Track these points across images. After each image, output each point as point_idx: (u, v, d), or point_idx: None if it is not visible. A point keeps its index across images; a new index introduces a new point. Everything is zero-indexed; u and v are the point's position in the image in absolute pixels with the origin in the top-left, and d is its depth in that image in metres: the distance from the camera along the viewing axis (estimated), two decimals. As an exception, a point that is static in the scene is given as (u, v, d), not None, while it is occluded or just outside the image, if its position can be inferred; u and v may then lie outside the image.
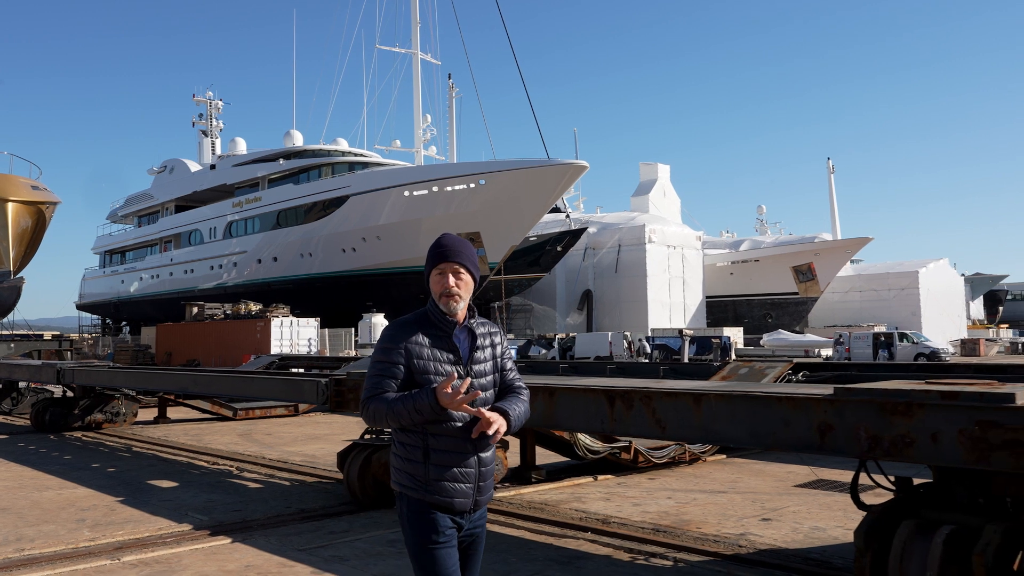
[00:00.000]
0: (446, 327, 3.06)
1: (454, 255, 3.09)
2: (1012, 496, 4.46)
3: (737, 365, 12.23)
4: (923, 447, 4.41)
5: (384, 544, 6.27)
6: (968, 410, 4.24)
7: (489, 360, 3.14)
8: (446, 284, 3.05)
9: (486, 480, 3.05)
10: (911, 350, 38.48)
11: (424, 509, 2.96)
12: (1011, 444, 4.09)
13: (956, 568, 4.13)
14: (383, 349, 3.03)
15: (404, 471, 3.01)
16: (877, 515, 4.61)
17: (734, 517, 7.09)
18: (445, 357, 3.02)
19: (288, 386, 9.31)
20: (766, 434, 5.12)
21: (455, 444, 2.96)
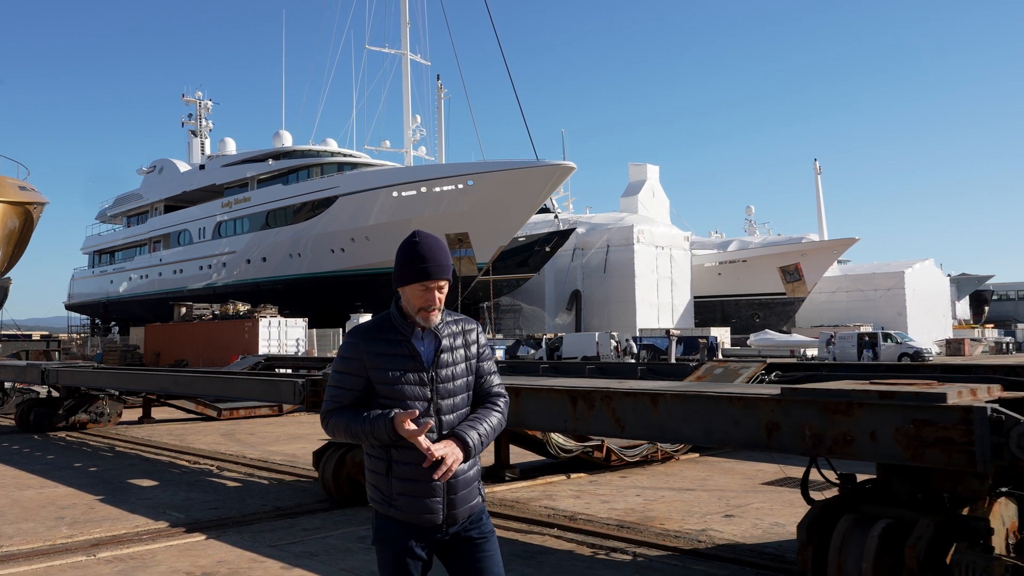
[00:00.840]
0: (406, 330, 2.88)
1: (440, 271, 2.88)
2: (949, 492, 4.68)
3: (712, 365, 12.41)
4: (863, 445, 4.61)
5: (354, 540, 6.44)
6: (904, 409, 4.44)
7: (460, 363, 2.93)
8: (430, 299, 2.86)
9: (459, 491, 2.83)
10: (895, 350, 38.81)
11: (390, 525, 2.83)
12: (943, 442, 4.28)
13: (890, 560, 4.33)
14: (341, 358, 2.91)
15: (371, 484, 2.89)
16: (819, 510, 4.80)
17: (698, 514, 7.28)
18: (405, 364, 2.84)
19: (266, 386, 9.47)
20: (718, 432, 5.32)
21: (419, 456, 2.74)
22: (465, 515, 2.86)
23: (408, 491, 2.77)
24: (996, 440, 4.10)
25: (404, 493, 2.77)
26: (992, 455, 4.12)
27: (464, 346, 2.95)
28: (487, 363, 3.04)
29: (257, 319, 36.75)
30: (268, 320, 36.70)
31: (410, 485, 2.77)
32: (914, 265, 61.61)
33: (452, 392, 2.88)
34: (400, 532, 2.81)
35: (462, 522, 2.87)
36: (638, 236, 54.70)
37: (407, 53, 56.91)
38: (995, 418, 4.12)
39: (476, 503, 2.92)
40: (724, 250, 66.91)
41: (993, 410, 4.16)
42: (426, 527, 2.82)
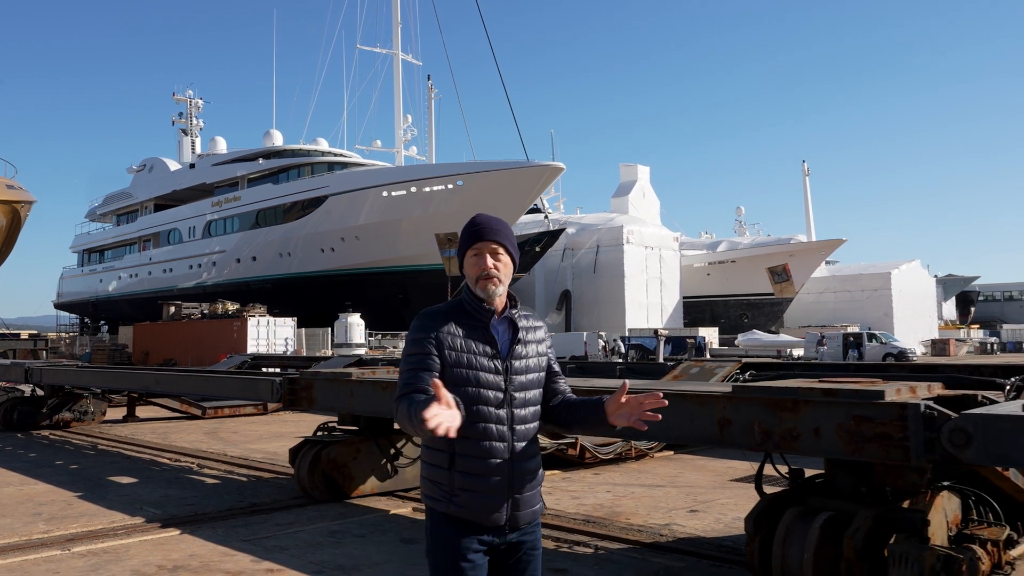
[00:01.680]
0: (483, 316, 2.69)
1: (491, 233, 2.72)
2: (891, 486, 4.86)
3: (689, 365, 12.60)
4: (807, 440, 4.79)
5: (325, 535, 6.59)
6: (845, 406, 4.62)
7: (533, 356, 2.78)
8: (483, 266, 2.68)
9: (524, 491, 2.66)
10: (879, 350, 39.14)
11: (448, 524, 2.63)
12: (881, 437, 4.46)
13: (831, 550, 4.51)
14: (413, 340, 2.67)
15: (429, 480, 2.69)
16: (766, 503, 4.99)
17: (664, 509, 7.46)
18: (481, 349, 2.66)
19: (244, 385, 9.61)
20: (675, 429, 5.49)
21: (486, 449, 2.61)
22: (527, 519, 2.70)
23: (472, 486, 2.60)
24: (928, 435, 4.28)
25: (468, 488, 2.60)
26: (925, 450, 4.30)
27: (537, 342, 2.81)
28: (556, 364, 2.93)
29: (246, 318, 36.81)
30: (257, 319, 36.77)
31: (475, 480, 2.60)
32: (901, 266, 62.13)
33: (526, 385, 2.73)
34: (459, 532, 2.62)
35: (522, 528, 2.69)
36: (628, 236, 54.98)
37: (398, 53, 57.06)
38: (928, 414, 4.30)
39: (538, 508, 2.75)
40: (713, 251, 67.31)
41: (926, 407, 4.34)
42: (488, 528, 2.62)
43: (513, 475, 2.63)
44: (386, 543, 6.33)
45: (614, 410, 2.66)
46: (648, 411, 2.63)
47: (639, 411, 2.63)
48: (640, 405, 2.63)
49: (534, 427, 2.75)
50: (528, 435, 2.71)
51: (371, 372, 8.21)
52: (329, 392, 8.14)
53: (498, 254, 2.72)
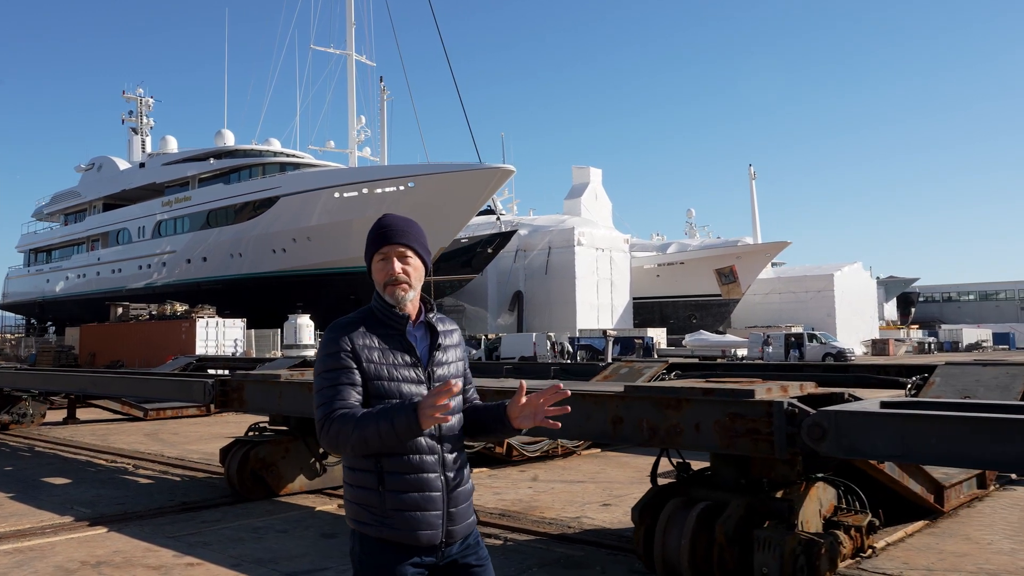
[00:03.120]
0: (397, 323, 2.56)
1: (399, 235, 2.60)
2: (766, 477, 5.28)
3: (619, 365, 13.05)
4: (689, 436, 5.19)
5: (249, 531, 6.84)
6: (721, 404, 5.02)
7: (453, 362, 2.65)
8: (390, 271, 2.56)
9: (459, 504, 2.54)
10: (820, 350, 40.21)
11: (380, 550, 2.45)
12: (751, 432, 4.87)
13: (705, 537, 4.91)
14: (329, 355, 2.51)
15: (356, 502, 2.51)
16: (652, 495, 5.38)
17: (579, 503, 7.84)
18: (401, 359, 2.53)
19: (178, 386, 9.80)
20: (574, 427, 5.84)
21: (416, 463, 2.47)
22: (464, 533, 2.57)
23: (406, 505, 2.44)
24: (791, 430, 4.69)
25: (401, 508, 2.44)
26: (787, 443, 4.71)
27: (454, 346, 2.70)
28: (468, 370, 2.80)
29: (194, 319, 36.65)
30: (206, 320, 36.62)
31: (408, 498, 2.45)
32: (843, 268, 63.80)
33: None
34: (392, 557, 2.45)
35: (459, 543, 2.56)
36: (579, 238, 55.67)
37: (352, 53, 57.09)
38: (790, 411, 4.72)
39: (472, 520, 2.63)
40: (663, 252, 68.40)
41: (789, 404, 4.76)
42: (424, 547, 2.48)
43: (448, 488, 2.51)
44: (307, 538, 6.61)
45: (516, 413, 2.54)
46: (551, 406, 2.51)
47: (542, 410, 2.50)
48: (541, 404, 2.50)
49: (461, 436, 2.64)
50: (458, 445, 2.60)
51: (300, 374, 8.47)
52: (259, 393, 8.39)
53: (406, 257, 2.60)
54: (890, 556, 5.76)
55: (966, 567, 5.46)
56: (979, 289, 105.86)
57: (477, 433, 2.70)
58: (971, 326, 78.36)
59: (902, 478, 6.37)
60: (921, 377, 9.77)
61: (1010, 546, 5.97)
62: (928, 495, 6.84)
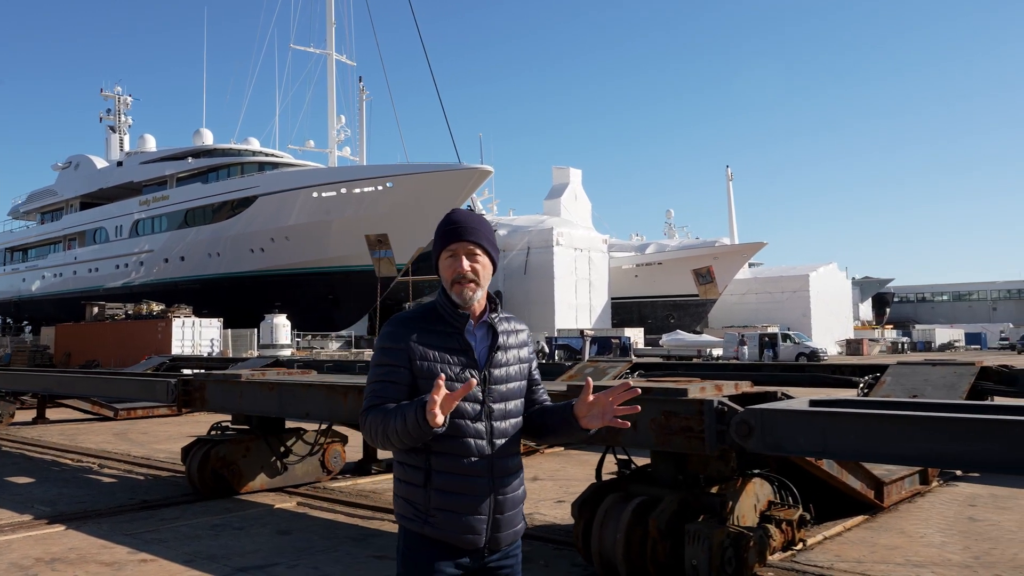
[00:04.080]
0: (457, 322, 2.50)
1: (469, 233, 2.53)
2: (703, 473, 5.46)
3: (584, 365, 13.27)
4: (628, 433, 5.35)
5: (206, 528, 6.96)
6: (657, 403, 5.20)
7: (514, 364, 2.56)
8: (459, 268, 2.48)
9: (506, 512, 2.48)
10: (793, 350, 40.64)
11: (422, 546, 2.45)
12: (685, 430, 5.05)
13: (640, 530, 5.08)
14: (382, 350, 2.52)
15: (403, 498, 2.51)
16: (592, 491, 5.55)
17: (533, 500, 8.00)
18: (456, 359, 2.46)
19: (142, 386, 9.89)
20: (521, 425, 6.02)
21: (464, 465, 2.43)
22: (508, 540, 2.51)
23: (450, 505, 2.41)
24: (720, 428, 4.88)
25: (444, 508, 2.41)
26: (717, 440, 4.90)
27: (518, 347, 2.61)
28: (537, 371, 2.71)
29: (171, 319, 36.55)
30: (182, 320, 36.54)
31: (452, 499, 2.41)
32: (818, 269, 64.47)
33: (506, 396, 2.53)
34: (434, 554, 2.44)
35: (503, 549, 2.51)
36: (557, 239, 55.92)
37: (332, 53, 57.11)
38: (720, 409, 4.91)
39: (520, 528, 2.57)
40: (641, 253, 68.80)
41: (719, 403, 4.94)
42: (465, 550, 2.45)
43: (495, 493, 2.45)
44: (262, 535, 6.73)
45: (584, 412, 2.45)
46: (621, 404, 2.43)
47: (611, 408, 2.42)
48: (611, 402, 2.43)
49: (517, 441, 2.56)
50: (509, 450, 2.51)
51: (261, 374, 8.58)
52: (219, 393, 8.50)
53: (475, 255, 2.52)
54: (825, 549, 5.96)
55: (894, 559, 5.67)
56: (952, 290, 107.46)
57: (545, 435, 2.63)
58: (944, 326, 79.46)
59: (841, 474, 6.57)
60: (873, 377, 10.03)
61: (941, 539, 6.18)
62: (868, 491, 7.06)
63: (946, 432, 4.05)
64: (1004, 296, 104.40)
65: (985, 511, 7.17)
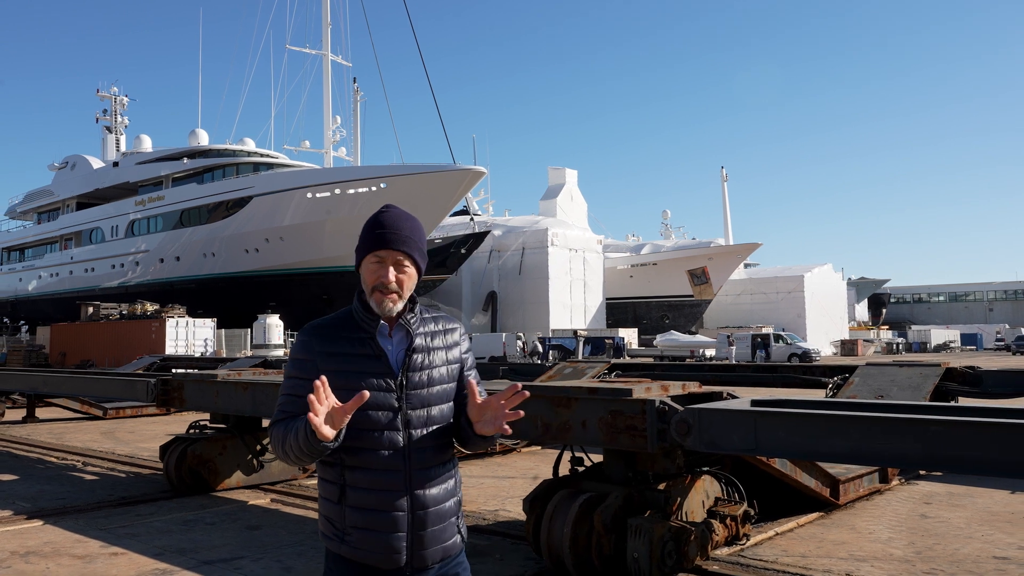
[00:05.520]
0: (370, 326, 2.37)
1: (400, 242, 2.38)
2: (651, 470, 5.66)
3: (563, 365, 13.46)
4: (577, 432, 5.57)
5: (178, 524, 7.15)
6: (605, 402, 5.39)
7: (440, 366, 2.41)
8: (383, 277, 2.35)
9: (429, 527, 2.32)
10: (785, 350, 40.81)
11: (343, 568, 2.33)
12: (630, 428, 5.25)
13: (586, 525, 5.28)
14: (293, 361, 2.42)
15: (323, 515, 2.39)
16: (543, 488, 5.74)
17: (502, 497, 8.19)
18: (369, 366, 2.33)
19: (123, 385, 10.07)
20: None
21: (378, 479, 2.29)
22: (437, 557, 2.35)
23: (364, 523, 2.29)
24: (661, 426, 5.08)
25: (359, 526, 2.29)
26: (658, 438, 5.09)
27: (445, 348, 2.45)
28: (473, 372, 2.53)
29: (164, 319, 36.74)
30: (176, 320, 36.73)
31: (367, 516, 2.29)
32: (813, 269, 64.74)
33: (426, 401, 2.36)
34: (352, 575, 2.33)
35: (434, 567, 2.36)
36: (552, 239, 56.14)
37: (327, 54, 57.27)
38: (661, 408, 5.10)
39: (453, 543, 2.41)
40: (637, 253, 69.02)
41: (661, 402, 5.14)
42: (386, 572, 2.31)
43: (414, 508, 2.30)
44: (232, 530, 6.93)
45: (477, 417, 2.32)
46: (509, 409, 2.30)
47: (502, 412, 2.29)
48: (502, 405, 2.29)
49: (441, 449, 2.40)
50: (431, 460, 2.36)
51: (237, 374, 8.78)
52: (197, 393, 8.69)
53: (403, 266, 2.39)
54: (773, 544, 6.16)
55: (838, 554, 5.86)
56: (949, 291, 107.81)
57: (464, 442, 2.47)
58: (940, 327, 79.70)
59: (795, 472, 6.76)
60: (842, 378, 10.24)
61: (888, 535, 6.38)
62: (823, 489, 7.25)
63: (868, 430, 4.25)
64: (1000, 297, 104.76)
65: (938, 509, 7.37)
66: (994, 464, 3.54)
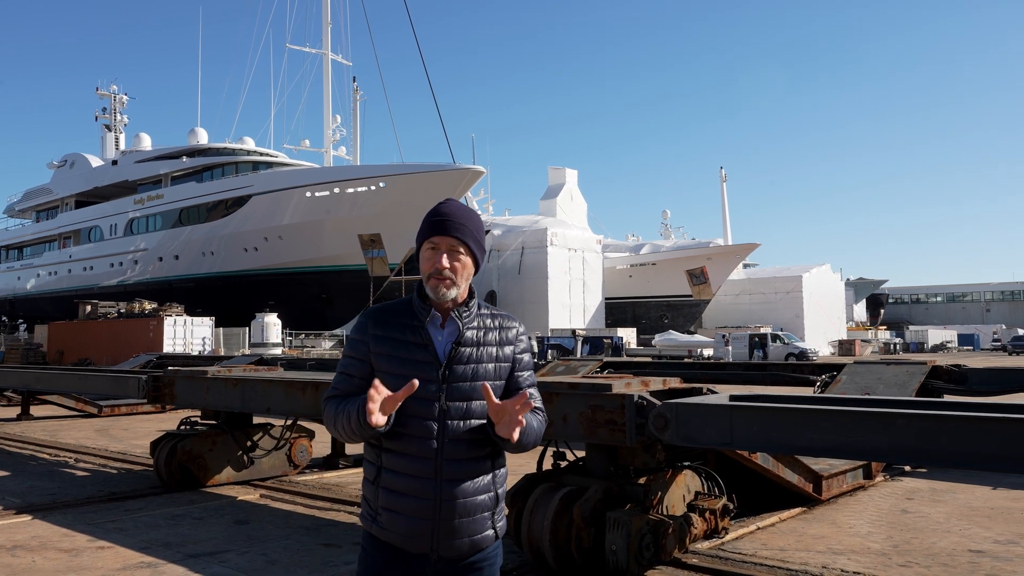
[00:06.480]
0: (422, 314, 2.42)
1: (454, 228, 2.40)
2: (632, 464, 5.72)
3: (556, 363, 13.54)
4: (558, 427, 5.62)
5: (166, 519, 7.21)
6: (585, 397, 5.45)
7: (487, 362, 2.41)
8: (438, 263, 2.38)
9: (458, 517, 2.33)
10: (783, 350, 40.90)
11: (372, 546, 2.41)
12: (609, 423, 5.31)
13: (566, 518, 5.33)
14: (349, 341, 2.52)
15: (362, 496, 2.47)
16: (524, 482, 5.80)
17: (489, 493, 8.25)
18: (416, 354, 2.38)
19: (114, 382, 10.14)
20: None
21: (410, 464, 2.34)
22: (463, 549, 2.36)
23: (393, 505, 2.34)
24: (639, 421, 5.14)
25: (388, 507, 2.35)
26: (637, 433, 5.15)
27: (497, 345, 2.45)
28: (526, 373, 2.52)
29: (162, 317, 36.79)
30: (174, 319, 36.78)
31: (396, 498, 2.34)
32: (812, 270, 64.85)
33: (467, 395, 2.36)
34: (382, 555, 2.38)
35: (463, 558, 2.38)
36: (551, 239, 56.20)
37: (328, 53, 57.38)
38: (639, 403, 5.16)
39: (484, 537, 2.40)
40: (636, 253, 69.10)
41: (639, 397, 5.20)
42: (411, 553, 2.35)
43: (441, 498, 2.32)
44: (219, 525, 6.98)
45: (497, 420, 2.30)
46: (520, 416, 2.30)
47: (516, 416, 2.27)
48: (517, 410, 2.27)
49: (478, 444, 2.38)
50: (465, 453, 2.36)
51: (228, 370, 8.84)
52: (187, 389, 8.75)
53: (458, 253, 2.41)
54: (754, 538, 6.22)
55: (816, 548, 5.92)
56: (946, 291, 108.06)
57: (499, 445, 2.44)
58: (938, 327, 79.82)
59: (777, 468, 6.82)
60: (830, 375, 10.30)
61: (867, 530, 6.44)
62: (806, 484, 7.31)
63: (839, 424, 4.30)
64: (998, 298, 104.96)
65: (920, 504, 7.43)
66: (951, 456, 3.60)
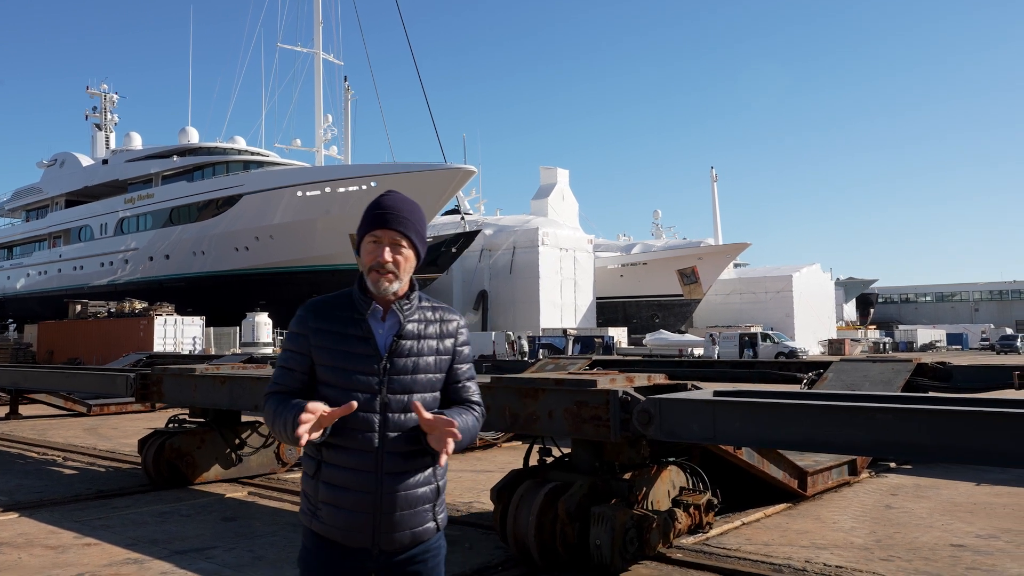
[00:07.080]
0: (363, 308, 2.40)
1: (397, 221, 2.41)
2: (617, 460, 5.75)
3: (546, 362, 13.58)
4: (544, 422, 5.66)
5: (153, 516, 7.21)
6: (570, 393, 5.49)
7: (427, 356, 2.42)
8: (380, 257, 2.37)
9: (399, 510, 2.33)
10: (772, 349, 41.03)
11: (313, 543, 2.39)
12: (594, 419, 5.34)
13: (551, 513, 5.37)
14: (288, 335, 2.49)
15: (302, 491, 2.46)
16: (511, 477, 5.83)
17: (477, 490, 8.28)
18: (357, 347, 2.37)
19: (102, 380, 10.13)
20: (450, 415, 6.30)
21: (351, 458, 2.33)
22: (406, 541, 2.36)
23: (333, 499, 2.32)
24: (623, 416, 5.18)
25: (328, 501, 2.33)
26: (621, 428, 5.19)
27: (438, 337, 2.46)
28: (465, 366, 2.53)
29: (153, 317, 36.71)
30: (164, 318, 36.70)
31: (336, 493, 2.33)
32: (802, 269, 65.11)
33: (408, 388, 2.38)
34: (323, 553, 2.36)
35: (404, 551, 2.37)
36: (543, 239, 56.26)
37: (319, 52, 57.25)
38: (624, 399, 5.20)
39: (427, 528, 2.40)
40: (627, 253, 69.25)
41: (623, 393, 5.24)
42: (351, 548, 2.34)
43: (382, 491, 2.32)
44: (207, 522, 6.99)
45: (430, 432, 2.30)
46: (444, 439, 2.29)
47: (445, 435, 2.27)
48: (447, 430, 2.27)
49: (419, 437, 2.34)
50: (407, 446, 2.35)
51: (215, 368, 8.84)
52: (175, 387, 8.75)
53: (400, 246, 2.42)
54: (738, 534, 6.26)
55: (800, 542, 5.97)
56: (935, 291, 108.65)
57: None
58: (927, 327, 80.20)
59: (762, 464, 6.87)
60: (816, 373, 10.36)
61: (851, 525, 6.49)
62: (791, 480, 7.36)
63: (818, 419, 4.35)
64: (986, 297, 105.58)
65: (904, 500, 7.49)
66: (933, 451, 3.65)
